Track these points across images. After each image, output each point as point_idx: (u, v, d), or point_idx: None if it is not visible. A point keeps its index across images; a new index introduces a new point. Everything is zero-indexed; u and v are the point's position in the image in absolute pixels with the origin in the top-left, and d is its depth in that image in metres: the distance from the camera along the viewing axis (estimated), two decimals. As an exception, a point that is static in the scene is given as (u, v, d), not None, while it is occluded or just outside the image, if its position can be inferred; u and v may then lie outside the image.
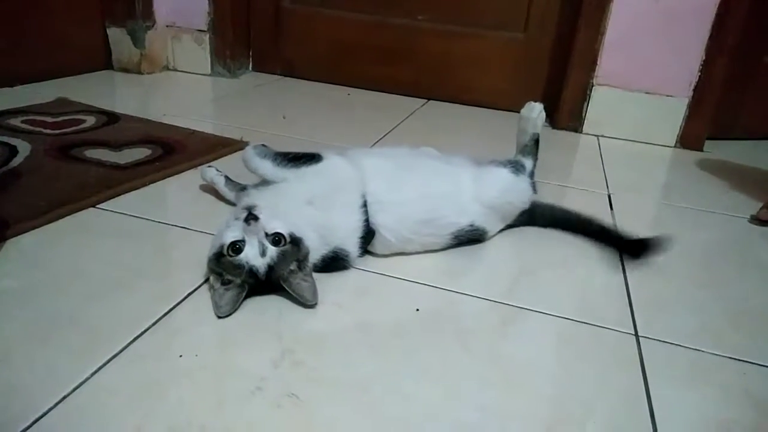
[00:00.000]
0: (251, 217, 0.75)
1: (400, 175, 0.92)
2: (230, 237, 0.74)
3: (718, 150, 1.73)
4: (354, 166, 0.90)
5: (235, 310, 0.73)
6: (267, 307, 0.76)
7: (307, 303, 0.75)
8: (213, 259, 0.75)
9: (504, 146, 1.17)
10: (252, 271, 0.73)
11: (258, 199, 0.83)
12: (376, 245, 0.89)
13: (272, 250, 0.74)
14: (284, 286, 0.75)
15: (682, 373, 0.71)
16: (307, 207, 0.84)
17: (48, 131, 1.30)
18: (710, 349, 0.75)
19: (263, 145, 0.93)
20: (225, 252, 0.74)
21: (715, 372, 0.71)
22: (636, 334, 0.77)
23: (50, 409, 0.56)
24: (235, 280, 0.73)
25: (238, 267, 0.73)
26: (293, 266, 0.75)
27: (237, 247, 0.74)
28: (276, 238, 0.75)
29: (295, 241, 0.77)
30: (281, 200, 0.83)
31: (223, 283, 0.73)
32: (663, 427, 0.61)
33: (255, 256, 0.73)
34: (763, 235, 1.15)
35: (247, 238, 0.74)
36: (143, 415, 0.56)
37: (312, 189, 0.86)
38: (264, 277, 0.74)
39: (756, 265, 1.03)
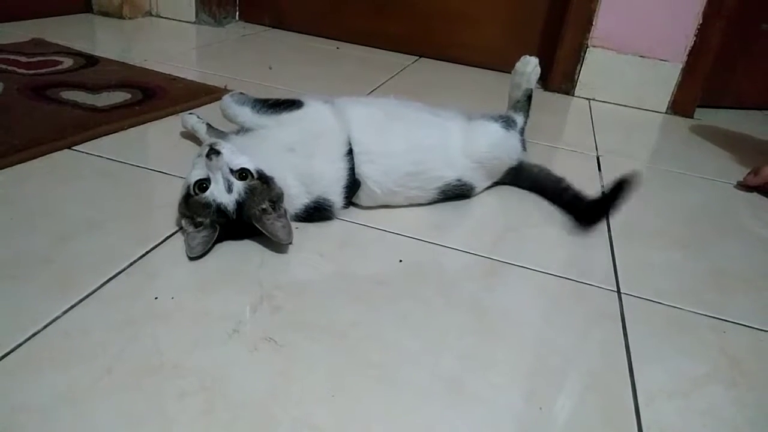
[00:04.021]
0: (212, 152, 0.72)
1: (388, 125, 0.89)
2: (195, 176, 0.73)
3: (708, 117, 1.72)
4: (339, 114, 0.87)
5: (207, 251, 0.72)
6: (248, 254, 0.74)
7: (281, 242, 0.74)
8: (182, 202, 0.74)
9: (495, 107, 1.14)
10: (221, 209, 0.71)
11: (237, 145, 0.80)
12: (362, 197, 0.88)
13: (239, 185, 0.72)
14: (257, 225, 0.73)
15: (661, 330, 0.71)
16: (289, 154, 0.81)
17: (22, 71, 1.25)
18: (690, 307, 0.76)
19: (241, 93, 0.90)
20: (192, 192, 0.72)
21: (693, 329, 0.72)
22: (618, 291, 0.77)
23: (18, 346, 0.54)
24: (205, 220, 0.71)
25: (206, 206, 0.71)
26: (265, 205, 0.73)
27: (203, 186, 0.72)
28: (242, 174, 0.73)
29: (264, 179, 0.74)
30: (261, 147, 0.81)
31: (195, 226, 0.72)
32: (640, 380, 0.61)
33: (221, 192, 0.72)
34: (747, 200, 1.15)
35: (211, 175, 0.72)
36: (114, 355, 0.55)
37: (292, 135, 0.83)
38: (234, 215, 0.72)
39: (739, 228, 1.03)
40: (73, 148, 0.95)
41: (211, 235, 0.71)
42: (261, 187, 0.74)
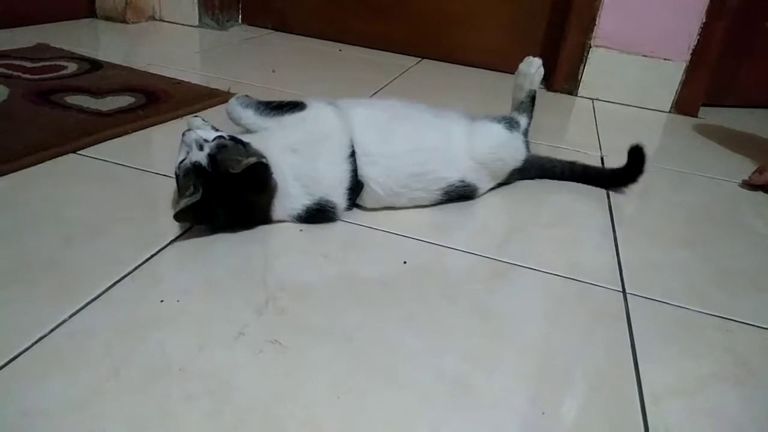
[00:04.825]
0: (186, 130, 0.77)
1: (391, 126, 0.90)
2: (178, 160, 0.76)
3: (713, 116, 1.72)
4: (342, 116, 0.87)
5: (193, 218, 0.75)
6: (252, 256, 0.75)
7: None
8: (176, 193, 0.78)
9: (499, 107, 1.14)
10: (196, 167, 0.73)
11: None
12: (365, 198, 0.88)
13: (210, 144, 0.75)
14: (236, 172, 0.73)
15: (667, 329, 0.71)
16: (291, 155, 0.82)
17: (27, 76, 1.26)
18: (695, 306, 0.75)
19: (246, 95, 0.90)
20: (176, 172, 0.75)
21: (699, 328, 0.72)
22: (623, 291, 0.77)
23: (25, 350, 0.54)
24: (191, 189, 0.73)
25: (186, 173, 0.74)
26: (243, 158, 0.74)
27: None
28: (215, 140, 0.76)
29: (239, 141, 0.77)
30: (264, 148, 0.80)
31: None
32: (646, 380, 0.61)
33: (195, 153, 0.74)
34: (753, 199, 1.15)
35: (189, 151, 0.75)
36: (121, 358, 0.55)
37: (295, 137, 0.83)
38: (209, 167, 0.73)
39: (744, 228, 1.03)
40: (78, 152, 0.96)
41: (193, 197, 0.72)
42: (235, 146, 0.76)
